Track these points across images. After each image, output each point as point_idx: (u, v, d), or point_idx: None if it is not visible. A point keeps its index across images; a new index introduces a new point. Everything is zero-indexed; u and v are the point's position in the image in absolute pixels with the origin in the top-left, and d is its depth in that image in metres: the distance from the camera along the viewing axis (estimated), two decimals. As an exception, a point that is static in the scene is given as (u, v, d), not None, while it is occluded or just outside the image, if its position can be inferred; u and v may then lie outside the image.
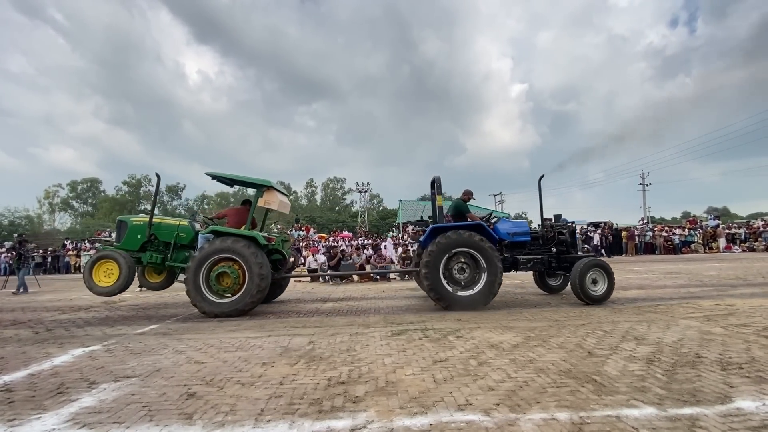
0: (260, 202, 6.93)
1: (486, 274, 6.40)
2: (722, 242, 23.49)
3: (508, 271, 7.14)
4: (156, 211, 7.41)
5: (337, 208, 71.24)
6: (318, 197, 75.87)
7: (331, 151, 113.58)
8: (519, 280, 10.92)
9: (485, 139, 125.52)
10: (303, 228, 26.73)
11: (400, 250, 17.67)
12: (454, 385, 3.01)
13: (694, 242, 23.89)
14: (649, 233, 24.50)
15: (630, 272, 11.76)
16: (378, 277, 13.03)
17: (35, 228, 50.16)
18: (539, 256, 7.15)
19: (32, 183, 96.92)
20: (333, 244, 21.21)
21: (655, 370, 3.20)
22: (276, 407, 2.71)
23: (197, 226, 7.58)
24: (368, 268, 13.82)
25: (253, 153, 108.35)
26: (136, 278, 7.11)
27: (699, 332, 4.40)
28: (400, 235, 26.53)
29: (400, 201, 36.16)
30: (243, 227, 7.02)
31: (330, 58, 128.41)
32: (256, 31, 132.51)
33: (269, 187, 6.96)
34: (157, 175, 7.37)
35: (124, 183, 65.27)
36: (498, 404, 2.64)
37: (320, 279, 12.93)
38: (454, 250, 6.44)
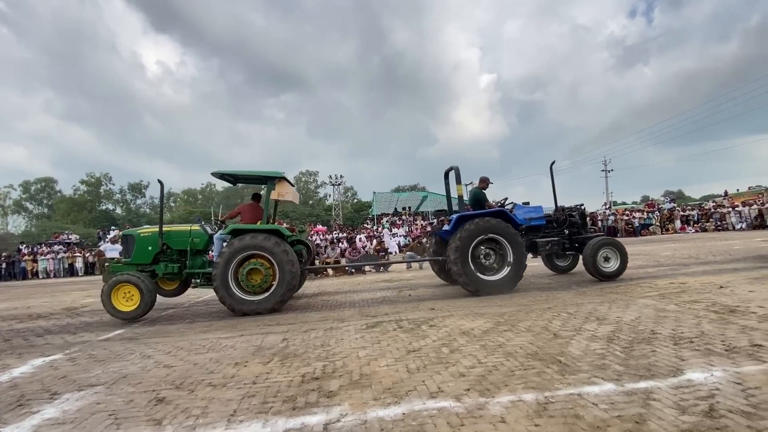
0: (273, 195, 6.76)
1: (513, 258, 6.69)
2: (677, 224, 24.91)
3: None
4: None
5: (310, 201, 70.41)
6: (290, 191, 74.65)
7: (302, 144, 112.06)
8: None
9: (455, 129, 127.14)
10: (276, 223, 26.29)
11: (375, 242, 17.70)
12: (427, 374, 3.08)
13: (652, 224, 25.20)
14: (612, 217, 25.65)
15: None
16: (353, 270, 13.05)
17: (-15, 233, 47.00)
18: (555, 239, 7.55)
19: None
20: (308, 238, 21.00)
21: (615, 348, 3.38)
22: (249, 407, 2.69)
23: (209, 229, 7.35)
24: (343, 261, 13.80)
25: (221, 147, 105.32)
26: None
27: (654, 310, 4.67)
28: (374, 228, 26.59)
29: (374, 193, 36.25)
30: (259, 223, 6.84)
31: (298, 48, 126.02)
32: (218, 19, 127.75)
33: (281, 178, 6.79)
34: (160, 182, 7.04)
35: (82, 182, 61.82)
36: (468, 390, 2.72)
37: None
38: (480, 237, 6.66)
